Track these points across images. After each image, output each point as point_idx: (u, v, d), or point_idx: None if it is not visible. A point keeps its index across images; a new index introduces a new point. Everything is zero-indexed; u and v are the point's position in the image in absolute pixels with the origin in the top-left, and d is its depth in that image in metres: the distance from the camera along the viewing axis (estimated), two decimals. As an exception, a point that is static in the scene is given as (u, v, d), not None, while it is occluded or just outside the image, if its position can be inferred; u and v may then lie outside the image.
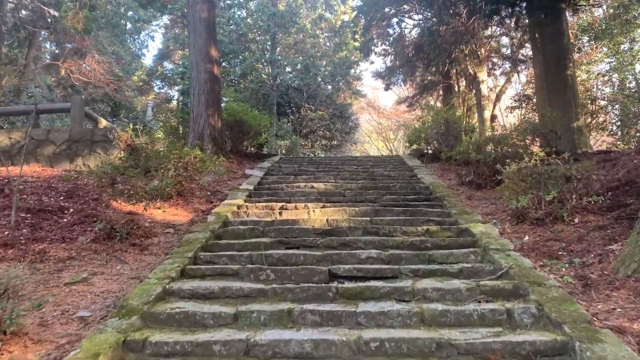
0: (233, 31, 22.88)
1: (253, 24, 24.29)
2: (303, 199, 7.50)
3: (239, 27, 23.70)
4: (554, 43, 13.41)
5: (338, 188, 8.17)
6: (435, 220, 6.29)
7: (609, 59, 18.90)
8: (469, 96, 20.23)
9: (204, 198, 7.78)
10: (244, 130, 10.65)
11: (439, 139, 9.89)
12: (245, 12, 25.20)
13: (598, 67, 19.85)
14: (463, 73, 20.34)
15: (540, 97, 16.59)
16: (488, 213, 6.72)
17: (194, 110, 9.61)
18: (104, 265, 5.22)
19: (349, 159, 11.28)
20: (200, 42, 9.79)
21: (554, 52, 13.44)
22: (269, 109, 22.68)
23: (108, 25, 21.29)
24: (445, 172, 9.61)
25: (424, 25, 15.63)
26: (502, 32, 20.41)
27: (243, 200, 7.49)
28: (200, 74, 9.64)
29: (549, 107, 14.80)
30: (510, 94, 24.65)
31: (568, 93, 13.27)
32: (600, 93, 18.73)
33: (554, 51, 13.44)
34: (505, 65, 22.79)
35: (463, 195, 7.76)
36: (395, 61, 20.63)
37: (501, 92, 22.72)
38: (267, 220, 6.34)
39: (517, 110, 22.02)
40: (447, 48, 15.46)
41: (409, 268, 4.70)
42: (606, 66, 19.19)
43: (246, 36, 24.00)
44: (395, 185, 8.19)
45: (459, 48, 15.06)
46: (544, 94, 16.30)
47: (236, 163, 9.89)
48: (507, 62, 22.16)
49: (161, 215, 6.98)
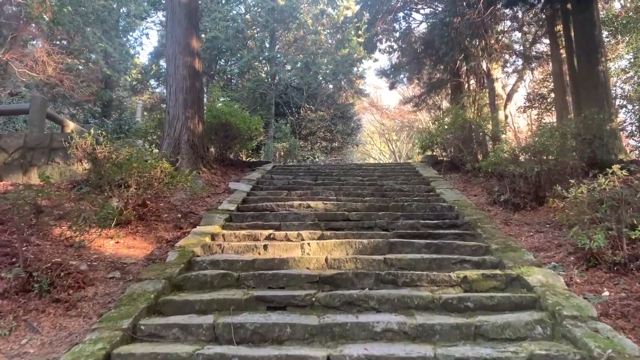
0: (229, 27, 21.13)
1: (252, 20, 22.54)
2: (296, 225, 5.79)
3: (236, 23, 21.96)
4: (584, 35, 11.61)
5: (340, 208, 6.46)
6: (471, 260, 4.57)
7: (628, 55, 17.22)
8: (480, 95, 18.44)
9: (172, 222, 6.07)
10: (232, 134, 8.92)
11: (459, 145, 8.19)
12: (243, 8, 23.44)
13: (617, 63, 18.14)
14: (474, 70, 18.58)
15: (559, 96, 14.85)
16: (538, 248, 4.99)
17: (170, 111, 7.90)
18: (5, 337, 3.54)
19: (352, 167, 9.56)
20: (179, 32, 8.08)
21: (584, 45, 11.64)
22: (267, 109, 20.96)
23: (97, 21, 19.60)
24: (468, 185, 7.88)
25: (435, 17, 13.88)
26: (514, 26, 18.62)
27: (220, 226, 5.78)
28: (178, 69, 7.94)
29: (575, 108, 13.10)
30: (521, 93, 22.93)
31: (600, 91, 11.45)
32: (621, 91, 17.01)
33: (584, 44, 11.64)
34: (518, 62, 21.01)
35: (497, 219, 6.03)
36: (401, 58, 18.88)
37: (513, 90, 20.92)
38: (246, 260, 4.63)
39: (529, 110, 20.35)
40: (461, 42, 13.72)
41: (450, 355, 2.99)
42: (626, 62, 17.50)
43: (244, 33, 22.25)
44: (411, 205, 6.46)
45: (474, 42, 13.29)
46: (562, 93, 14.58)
47: (220, 174, 8.18)
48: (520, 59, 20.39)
49: (112, 248, 5.28)
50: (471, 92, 18.24)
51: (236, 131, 8.95)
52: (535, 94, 19.29)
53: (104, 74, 19.59)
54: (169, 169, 6.06)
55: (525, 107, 19.65)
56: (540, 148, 6.12)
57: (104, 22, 19.32)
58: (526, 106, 19.92)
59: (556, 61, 15.27)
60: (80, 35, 18.91)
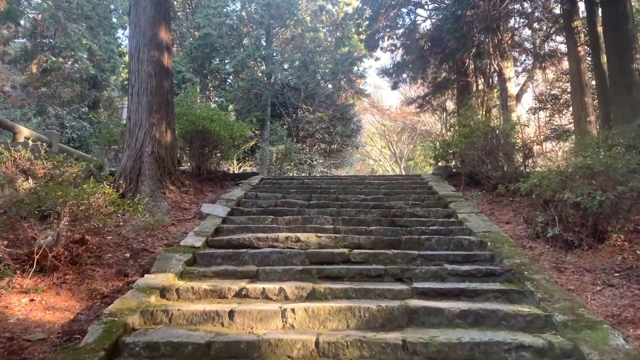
0: (223, 24, 19.52)
1: (247, 17, 20.92)
2: (279, 273, 4.21)
3: (231, 20, 20.37)
4: (616, 29, 10.03)
5: (339, 242, 4.89)
6: (532, 346, 3.00)
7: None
8: (489, 96, 16.85)
9: (116, 266, 4.49)
10: (210, 143, 7.30)
11: (482, 157, 6.62)
12: (239, 4, 21.79)
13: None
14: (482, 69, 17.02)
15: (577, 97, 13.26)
16: (618, 316, 3.43)
17: (131, 117, 6.29)
18: None
19: (353, 182, 7.95)
20: (144, 20, 6.50)
21: (615, 41, 10.05)
22: (262, 110, 19.38)
23: (81, 17, 18.00)
24: (496, 207, 6.30)
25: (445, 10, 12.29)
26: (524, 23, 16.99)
27: (176, 274, 4.20)
28: (142, 65, 6.35)
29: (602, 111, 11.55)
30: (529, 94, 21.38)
31: (634, 92, 9.84)
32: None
33: (615, 39, 10.05)
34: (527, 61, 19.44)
35: (546, 261, 4.46)
36: (404, 56, 17.28)
37: (522, 91, 19.32)
38: (199, 343, 3.07)
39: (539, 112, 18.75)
40: (473, 37, 12.14)
41: None
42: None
43: (239, 30, 20.64)
44: (430, 239, 4.89)
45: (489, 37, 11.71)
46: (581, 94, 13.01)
47: (193, 192, 6.61)
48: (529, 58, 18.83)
49: (23, 309, 3.72)
50: (480, 92, 16.65)
51: (216, 139, 7.37)
52: (547, 94, 17.70)
53: (89, 73, 18.00)
54: (111, 196, 4.48)
55: (535, 109, 18.06)
56: (600, 168, 4.55)
57: (89, 19, 17.70)
58: (536, 107, 18.33)
59: (573, 59, 13.65)
60: (63, 32, 17.34)
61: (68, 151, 9.11)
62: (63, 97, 19.44)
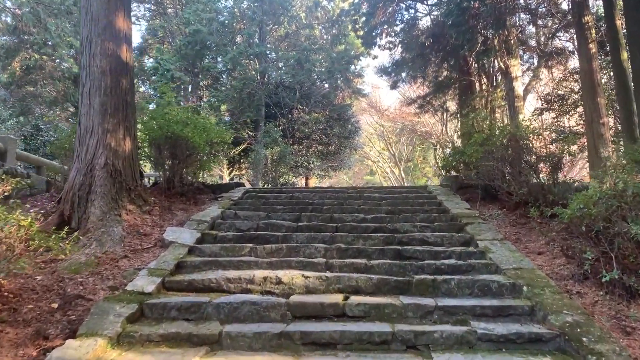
0: (214, 20, 18.30)
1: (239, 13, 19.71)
2: (249, 338, 3.06)
3: (222, 16, 19.16)
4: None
5: (331, 285, 3.75)
6: None
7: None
8: (494, 96, 15.71)
9: (36, 323, 3.32)
10: (182, 152, 6.07)
11: (501, 168, 5.50)
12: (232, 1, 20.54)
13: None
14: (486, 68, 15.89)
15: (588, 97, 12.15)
16: None
17: (81, 122, 5.07)
18: None
19: (351, 195, 6.75)
20: (97, 5, 5.28)
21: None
22: (256, 110, 18.22)
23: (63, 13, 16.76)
24: (521, 230, 5.16)
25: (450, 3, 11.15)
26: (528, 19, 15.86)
27: (109, 339, 3.04)
28: (94, 60, 5.16)
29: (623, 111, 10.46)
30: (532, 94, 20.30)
31: (664, 92, 8.73)
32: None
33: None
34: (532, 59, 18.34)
35: (602, 315, 3.34)
36: (404, 54, 16.13)
37: (526, 91, 18.22)
38: None
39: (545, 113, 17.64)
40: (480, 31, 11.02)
41: None
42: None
43: (230, 26, 19.42)
44: (449, 282, 3.74)
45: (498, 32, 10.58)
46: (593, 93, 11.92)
47: (159, 211, 5.45)
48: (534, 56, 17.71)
49: None
50: (484, 92, 15.52)
51: (190, 147, 6.19)
52: (554, 94, 16.60)
53: (72, 72, 16.78)
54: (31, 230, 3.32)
55: (542, 110, 16.95)
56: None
57: (70, 14, 16.47)
58: (543, 108, 17.23)
59: (584, 57, 12.52)
60: (43, 28, 16.11)
61: (28, 159, 7.94)
62: (45, 96, 18.25)
